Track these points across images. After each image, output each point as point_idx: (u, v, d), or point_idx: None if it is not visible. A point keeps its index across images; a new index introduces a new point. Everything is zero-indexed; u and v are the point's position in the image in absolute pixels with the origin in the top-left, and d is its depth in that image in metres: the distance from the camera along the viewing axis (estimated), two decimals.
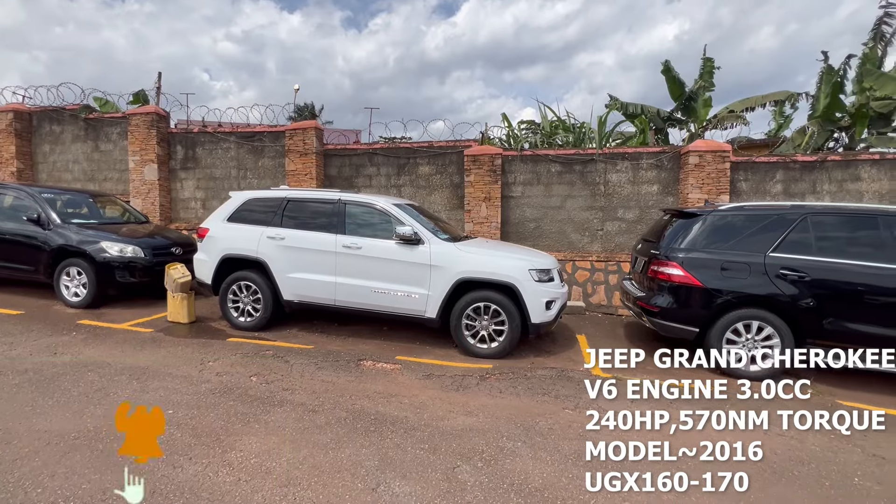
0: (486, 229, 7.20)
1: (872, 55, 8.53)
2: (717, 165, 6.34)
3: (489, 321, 4.46)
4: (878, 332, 3.81)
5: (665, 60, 9.97)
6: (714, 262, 4.18)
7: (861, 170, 6.32)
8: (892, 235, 3.89)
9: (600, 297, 6.85)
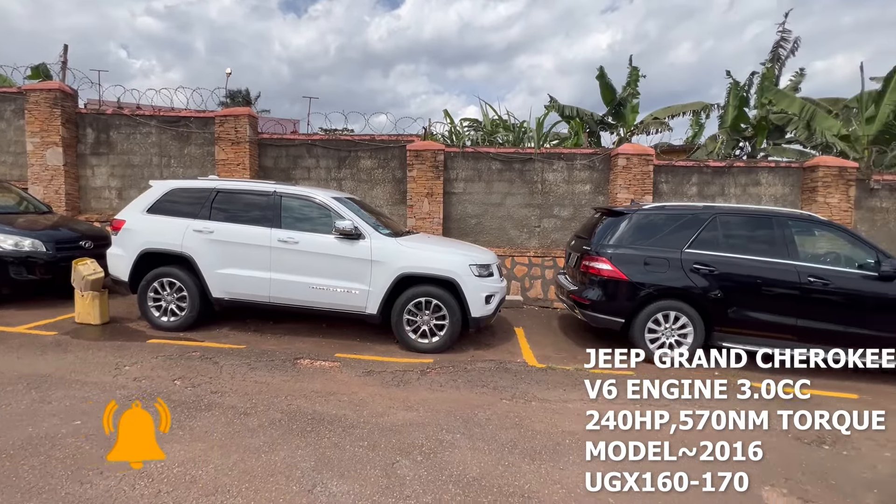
0: (428, 225, 7.22)
1: (770, 74, 9.62)
2: (642, 168, 6.83)
3: (430, 316, 4.49)
4: (772, 319, 4.32)
5: (600, 67, 10.55)
6: (638, 258, 4.51)
7: (760, 175, 7.12)
8: (783, 234, 4.42)
9: (537, 292, 7.14)
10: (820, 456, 2.83)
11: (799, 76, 10.00)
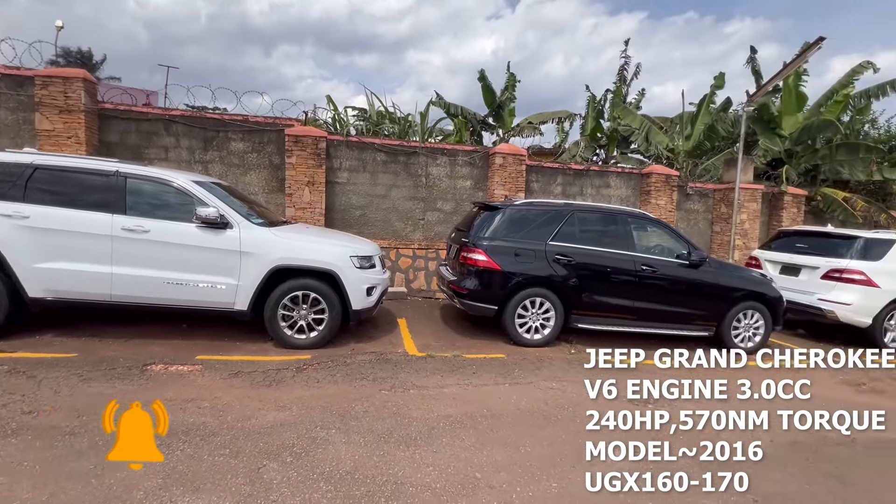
0: (309, 215, 6.87)
1: (619, 92, 11.20)
2: (516, 167, 7.40)
3: (308, 310, 4.29)
4: (616, 301, 5.05)
5: (481, 70, 11.12)
6: (510, 249, 4.88)
7: (610, 179, 8.25)
8: (625, 229, 5.19)
9: (421, 283, 7.30)
10: None
11: (640, 96, 11.83)
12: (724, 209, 8.68)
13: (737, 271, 5.59)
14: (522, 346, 4.84)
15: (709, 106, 10.32)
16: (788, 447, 2.87)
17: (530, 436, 2.89)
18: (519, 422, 3.08)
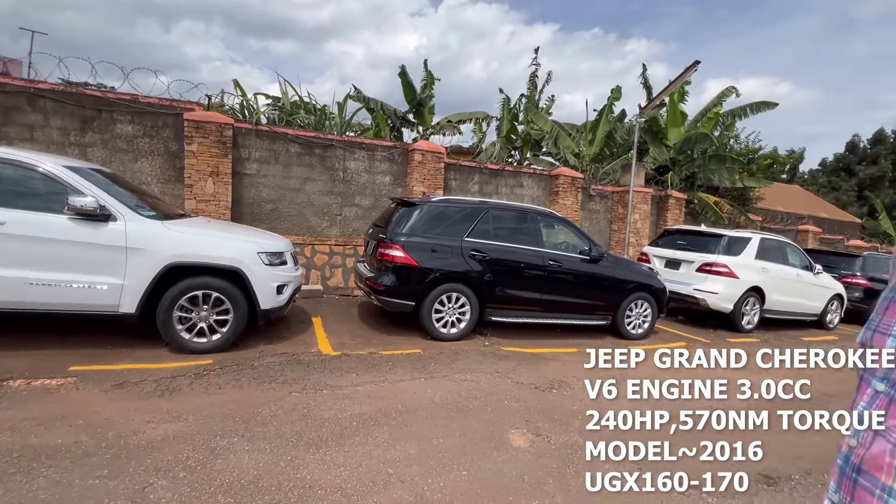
0: (213, 209, 6.32)
1: (532, 97, 11.84)
2: (435, 164, 7.49)
3: (210, 311, 3.96)
4: (526, 295, 5.35)
5: (402, 65, 11.05)
6: (427, 245, 4.94)
7: (523, 179, 8.71)
8: (535, 227, 5.51)
9: (338, 280, 7.10)
10: (549, 398, 3.66)
11: (550, 102, 12.61)
12: (621, 210, 9.60)
13: (630, 265, 6.22)
14: (439, 341, 4.93)
15: (608, 115, 11.33)
16: None
17: (443, 427, 2.96)
18: (433, 415, 3.14)
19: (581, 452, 2.80)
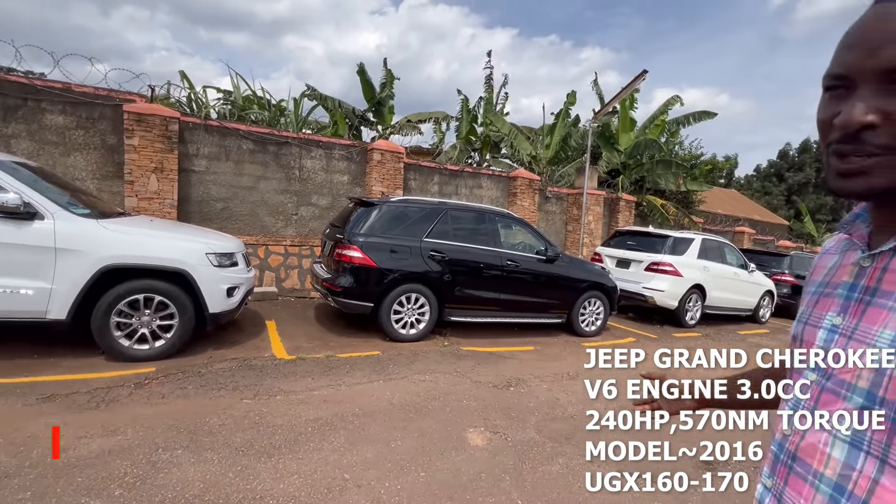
0: (156, 207, 5.96)
1: (490, 99, 12.02)
2: (394, 164, 7.43)
3: (152, 316, 3.73)
4: (485, 295, 5.41)
5: (360, 63, 10.87)
6: (386, 246, 4.89)
7: (482, 180, 8.82)
8: (493, 227, 5.59)
9: (294, 282, 6.89)
10: (506, 396, 3.72)
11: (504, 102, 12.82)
12: (576, 211, 9.94)
13: (583, 265, 6.44)
14: (399, 342, 4.90)
15: (564, 120, 11.70)
16: None
17: (401, 429, 2.94)
18: (391, 417, 3.11)
19: (538, 448, 2.87)
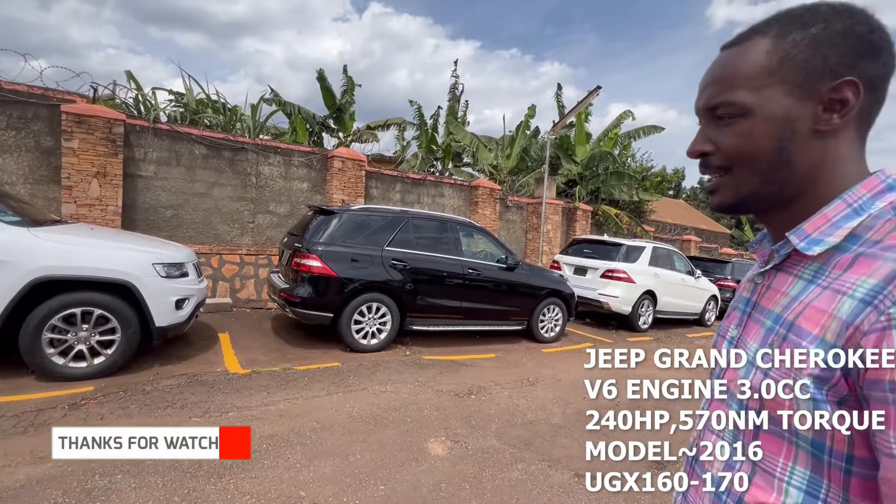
0: (98, 214, 5.59)
1: (452, 109, 12.18)
2: (355, 172, 7.36)
3: (91, 331, 3.48)
4: (447, 303, 5.43)
5: (320, 69, 10.73)
6: (346, 255, 4.82)
7: (444, 189, 8.89)
8: (454, 236, 5.64)
9: (249, 292, 6.64)
10: (467, 404, 3.74)
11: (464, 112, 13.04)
12: (535, 220, 10.20)
13: (543, 273, 6.61)
14: (359, 353, 4.82)
15: (524, 132, 12.02)
16: None
17: (361, 442, 2.88)
18: (350, 430, 3.05)
19: (497, 455, 2.90)
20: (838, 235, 0.55)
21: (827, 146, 0.57)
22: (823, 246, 0.56)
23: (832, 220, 0.56)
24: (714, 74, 0.62)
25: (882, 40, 0.55)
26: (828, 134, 0.56)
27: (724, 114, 0.60)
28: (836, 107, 0.55)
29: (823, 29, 0.55)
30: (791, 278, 0.60)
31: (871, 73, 0.55)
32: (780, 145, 0.57)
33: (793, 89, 0.56)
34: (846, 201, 0.56)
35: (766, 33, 0.59)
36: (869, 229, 0.54)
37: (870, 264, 0.51)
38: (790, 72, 0.56)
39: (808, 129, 0.56)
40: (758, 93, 0.57)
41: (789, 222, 0.60)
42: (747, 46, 0.60)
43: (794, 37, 0.56)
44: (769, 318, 0.61)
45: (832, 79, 0.55)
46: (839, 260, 0.54)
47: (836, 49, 0.55)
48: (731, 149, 0.60)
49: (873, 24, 0.55)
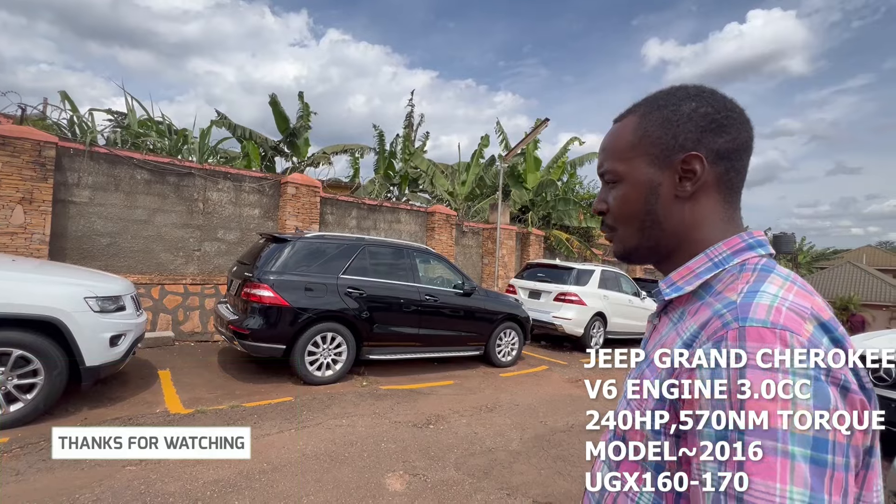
0: (21, 243, 5.13)
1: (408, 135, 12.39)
2: (310, 198, 7.25)
3: (9, 374, 3.14)
4: (404, 330, 5.39)
5: (272, 94, 10.61)
6: (300, 284, 4.70)
7: (401, 215, 8.93)
8: (411, 262, 5.66)
9: (194, 324, 6.27)
10: (426, 434, 3.69)
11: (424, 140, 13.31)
12: (490, 245, 10.43)
13: (498, 297, 6.73)
14: (313, 385, 4.65)
15: (478, 160, 12.39)
16: None
17: (315, 482, 2.76)
18: (303, 469, 2.92)
19: (457, 487, 2.87)
20: (692, 284, 0.63)
21: (688, 209, 0.65)
22: (679, 292, 0.64)
23: (695, 272, 0.63)
24: (603, 144, 0.73)
25: (726, 119, 0.64)
26: (686, 199, 0.65)
27: (609, 179, 0.70)
28: (690, 175, 0.64)
29: (674, 111, 0.65)
30: (666, 320, 0.68)
31: (718, 146, 0.64)
32: (648, 207, 0.66)
33: (653, 161, 0.65)
34: (708, 256, 0.63)
35: (635, 113, 0.69)
36: (719, 281, 0.60)
37: (702, 311, 0.58)
38: (649, 146, 0.66)
39: (670, 194, 0.65)
40: (627, 163, 0.67)
41: (667, 273, 0.69)
42: (624, 123, 0.70)
43: (652, 117, 0.66)
44: (645, 356, 0.69)
45: (682, 152, 0.64)
46: (693, 307, 0.62)
47: (683, 127, 0.64)
48: (614, 209, 0.70)
49: (718, 105, 0.65)
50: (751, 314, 0.51)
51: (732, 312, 0.52)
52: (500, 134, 12.92)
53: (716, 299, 0.58)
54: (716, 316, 0.54)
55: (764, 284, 0.55)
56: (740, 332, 0.50)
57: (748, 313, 0.51)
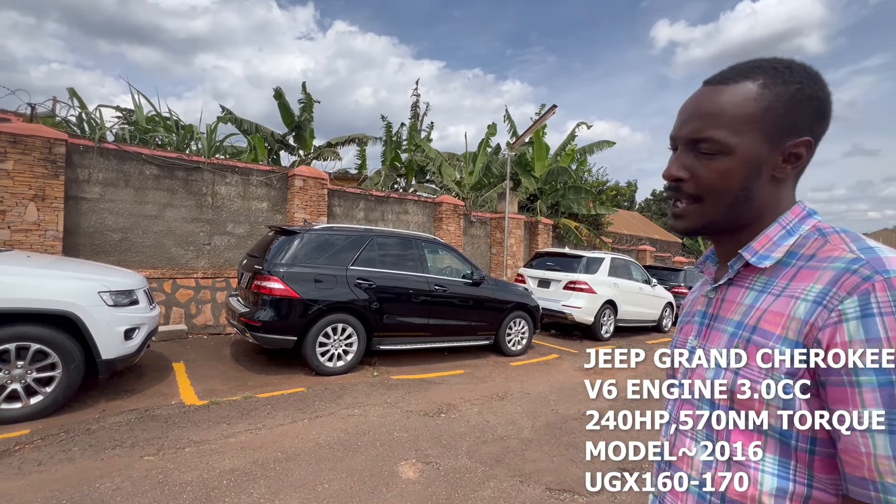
0: (36, 240, 5.21)
1: (414, 125, 12.30)
2: (317, 190, 7.26)
3: (28, 368, 3.21)
4: (414, 321, 5.40)
5: (277, 87, 10.58)
6: (310, 276, 4.71)
7: (408, 206, 8.90)
8: (419, 253, 5.65)
9: (206, 318, 6.34)
10: (437, 423, 3.71)
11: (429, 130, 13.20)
12: (499, 235, 10.38)
13: (507, 287, 6.71)
14: (325, 376, 4.69)
15: (485, 149, 12.28)
16: None
17: (329, 470, 2.79)
18: (317, 458, 2.95)
19: (469, 475, 2.88)
20: (781, 251, 0.64)
21: (777, 189, 0.66)
22: (771, 260, 0.64)
23: (773, 240, 0.65)
24: (700, 109, 0.66)
25: (830, 107, 0.64)
26: (780, 180, 0.65)
27: (707, 149, 0.65)
28: (792, 159, 0.63)
29: (799, 90, 0.62)
30: (743, 290, 0.68)
31: (819, 133, 0.64)
32: (747, 185, 0.64)
33: (767, 138, 0.63)
34: (781, 224, 0.66)
35: (753, 80, 0.64)
36: (802, 247, 0.63)
37: (813, 274, 0.59)
38: (769, 122, 0.62)
39: (768, 174, 0.64)
40: (741, 136, 0.63)
41: (737, 243, 0.68)
42: (737, 89, 0.64)
43: (778, 91, 0.62)
44: (730, 326, 0.68)
45: (796, 135, 0.62)
46: (784, 272, 0.63)
47: (805, 110, 0.62)
48: (706, 181, 0.66)
49: (828, 92, 0.64)
50: (888, 266, 0.54)
51: (867, 268, 0.55)
52: (507, 122, 12.77)
53: (821, 261, 0.59)
54: (848, 272, 0.55)
55: (866, 242, 0.58)
56: (888, 282, 0.53)
57: (885, 266, 0.54)
